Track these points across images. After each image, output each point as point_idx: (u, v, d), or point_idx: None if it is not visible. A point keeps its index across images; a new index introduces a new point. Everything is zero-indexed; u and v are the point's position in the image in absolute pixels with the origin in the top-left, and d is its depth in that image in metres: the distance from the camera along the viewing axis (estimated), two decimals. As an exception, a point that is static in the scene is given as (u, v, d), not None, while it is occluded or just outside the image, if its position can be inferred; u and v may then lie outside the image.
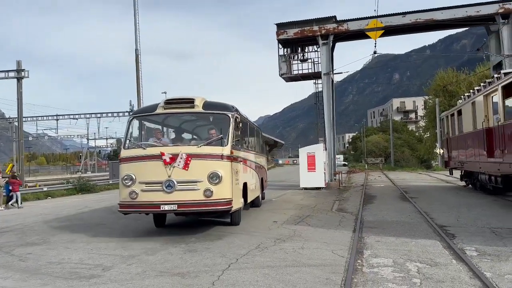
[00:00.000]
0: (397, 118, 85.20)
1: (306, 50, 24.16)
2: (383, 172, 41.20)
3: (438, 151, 35.09)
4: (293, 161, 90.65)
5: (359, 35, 22.90)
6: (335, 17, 22.65)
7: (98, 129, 56.56)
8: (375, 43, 21.14)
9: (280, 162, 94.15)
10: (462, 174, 17.87)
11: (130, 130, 8.77)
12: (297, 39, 23.13)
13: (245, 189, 9.44)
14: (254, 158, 11.50)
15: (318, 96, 24.33)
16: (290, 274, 5.31)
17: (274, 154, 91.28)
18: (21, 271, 5.91)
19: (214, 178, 7.77)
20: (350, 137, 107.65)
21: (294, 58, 24.04)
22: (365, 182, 24.28)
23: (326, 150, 21.49)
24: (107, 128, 70.73)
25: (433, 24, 21.79)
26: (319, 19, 22.81)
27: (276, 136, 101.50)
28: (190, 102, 8.54)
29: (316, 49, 23.67)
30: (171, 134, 10.10)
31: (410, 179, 26.41)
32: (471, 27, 26.03)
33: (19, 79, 24.22)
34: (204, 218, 10.07)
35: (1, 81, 25.21)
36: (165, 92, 33.81)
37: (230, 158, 8.14)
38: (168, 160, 7.78)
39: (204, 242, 7.47)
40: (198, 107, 8.49)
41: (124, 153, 8.39)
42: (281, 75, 23.86)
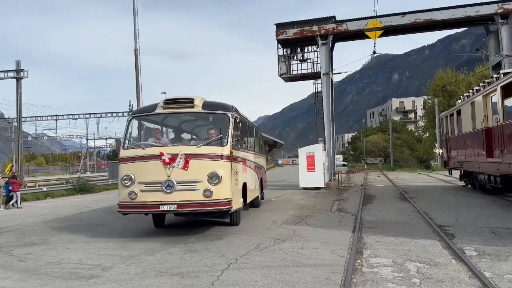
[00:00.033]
0: (396, 118, 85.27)
1: (306, 50, 24.14)
2: (383, 172, 41.21)
3: (437, 151, 35.17)
4: (292, 161, 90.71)
5: (359, 35, 22.90)
6: (335, 17, 22.66)
7: (98, 129, 56.66)
8: (374, 43, 21.20)
9: (279, 162, 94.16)
10: (461, 174, 17.88)
11: (129, 130, 8.73)
12: (296, 39, 23.13)
13: (244, 189, 9.43)
14: (253, 158, 11.50)
15: (318, 96, 24.32)
16: (289, 274, 5.31)
17: (273, 154, 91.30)
18: (20, 271, 5.91)
19: (214, 178, 7.75)
20: (350, 137, 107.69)
21: (293, 58, 24.02)
22: (364, 182, 24.28)
23: (325, 150, 21.49)
24: (106, 128, 71.00)
25: (432, 24, 21.80)
26: (319, 19, 22.81)
27: (275, 136, 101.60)
28: (189, 102, 8.50)
29: (315, 49, 23.67)
30: (171, 134, 10.07)
31: (409, 179, 26.42)
32: (470, 27, 26.04)
33: (18, 79, 24.24)
34: (203, 218, 10.07)
35: (0, 81, 25.24)
36: (164, 92, 33.89)
37: (230, 158, 8.12)
38: (167, 160, 7.75)
39: (203, 242, 7.47)
40: (198, 107, 8.46)
41: (123, 153, 8.35)
42: (280, 75, 23.86)
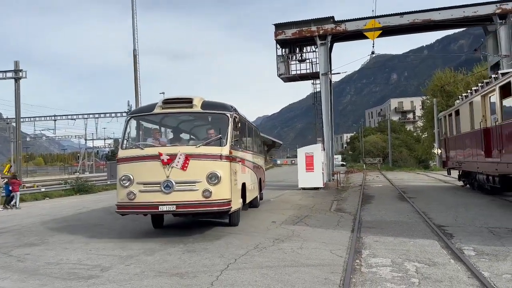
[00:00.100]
0: (395, 118, 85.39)
1: (304, 51, 24.14)
2: (381, 172, 41.23)
3: (436, 151, 35.25)
4: (291, 161, 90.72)
5: (357, 36, 22.92)
6: (333, 17, 22.67)
7: (96, 129, 56.77)
8: (373, 44, 21.31)
9: (278, 162, 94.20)
10: (460, 174, 17.90)
11: (128, 130, 8.68)
12: (295, 40, 23.13)
13: (243, 189, 9.41)
14: (252, 159, 11.50)
15: (316, 96, 24.33)
16: (288, 274, 5.31)
17: (272, 154, 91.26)
18: (19, 272, 5.90)
19: (213, 178, 7.72)
20: (348, 137, 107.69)
21: (292, 59, 24.03)
22: (363, 182, 24.29)
23: (324, 150, 21.50)
24: (105, 128, 70.83)
25: (430, 24, 21.83)
26: (317, 20, 22.82)
27: (274, 136, 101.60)
28: (188, 102, 8.45)
29: (314, 49, 23.68)
30: (169, 134, 10.05)
31: (408, 179, 26.44)
32: (469, 28, 26.06)
33: (17, 80, 24.20)
34: (202, 219, 10.06)
35: (-1, 81, 25.14)
36: (163, 92, 33.91)
37: (229, 158, 8.09)
38: (166, 160, 7.71)
39: (202, 243, 7.46)
40: (197, 107, 8.41)
41: (121, 153, 8.30)
42: (279, 76, 23.86)
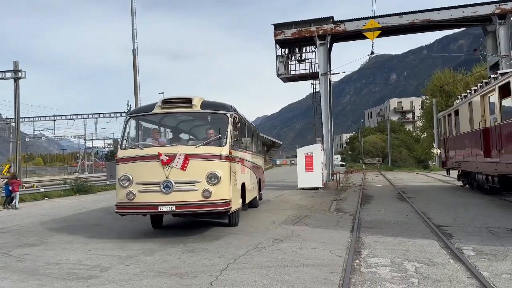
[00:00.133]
0: (394, 118, 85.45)
1: (304, 51, 24.14)
2: (381, 172, 41.25)
3: (435, 151, 35.28)
4: (290, 161, 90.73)
5: (357, 36, 22.93)
6: (333, 17, 22.69)
7: (96, 129, 56.72)
8: (372, 44, 21.29)
9: (278, 162, 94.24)
10: (459, 174, 17.92)
11: (127, 130, 8.66)
12: (294, 40, 23.14)
13: (243, 189, 9.40)
14: (252, 159, 11.49)
15: (316, 96, 24.33)
16: (288, 274, 5.32)
17: (272, 155, 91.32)
18: (19, 272, 5.89)
19: (213, 178, 7.70)
20: (348, 137, 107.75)
21: (291, 59, 24.03)
22: (362, 182, 24.30)
23: (323, 150, 21.51)
24: (105, 128, 70.77)
25: (430, 24, 21.85)
26: (317, 20, 22.83)
27: (273, 136, 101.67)
28: (188, 101, 8.42)
29: (313, 49, 23.68)
30: (169, 134, 10.04)
31: (407, 179, 26.45)
32: (468, 28, 26.07)
33: (16, 80, 24.18)
34: (201, 219, 10.06)
35: (-2, 81, 25.12)
36: (162, 92, 33.90)
37: (229, 159, 8.07)
38: (165, 160, 7.69)
39: (202, 243, 7.46)
40: (196, 107, 8.38)
41: (121, 153, 8.27)
42: (278, 76, 23.87)
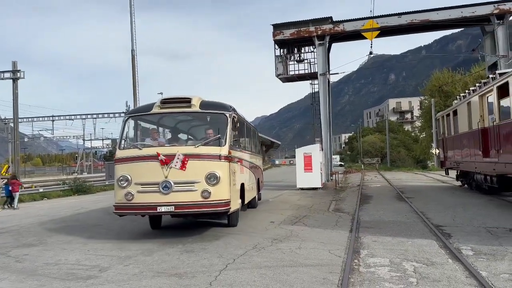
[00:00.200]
0: (393, 119, 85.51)
1: (303, 51, 24.16)
2: (379, 172, 41.29)
3: (434, 151, 35.28)
4: (289, 161, 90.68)
5: (355, 36, 22.95)
6: (331, 17, 22.71)
7: (94, 130, 56.64)
8: (371, 44, 21.28)
9: (276, 162, 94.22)
10: (458, 174, 17.95)
11: (126, 130, 8.61)
12: (293, 40, 23.16)
13: (242, 190, 9.38)
14: (251, 159, 11.49)
15: (314, 96, 24.35)
16: (287, 274, 5.32)
17: (270, 155, 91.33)
18: (17, 272, 5.89)
19: (212, 179, 7.67)
20: (347, 137, 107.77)
21: (290, 59, 24.04)
22: (361, 182, 24.31)
23: (322, 150, 21.53)
24: (103, 129, 70.80)
25: (428, 24, 21.88)
26: (315, 20, 22.85)
27: (272, 136, 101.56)
28: (187, 101, 8.38)
29: (312, 49, 23.69)
30: (168, 134, 10.02)
31: (406, 179, 26.49)
32: (467, 28, 26.13)
33: (15, 80, 24.10)
34: (201, 219, 10.05)
35: (-3, 82, 25.04)
36: (161, 92, 33.86)
37: (228, 159, 8.05)
38: (164, 160, 7.66)
39: (201, 243, 7.45)
40: (195, 107, 8.35)
41: (119, 153, 8.22)
42: (277, 76, 23.87)
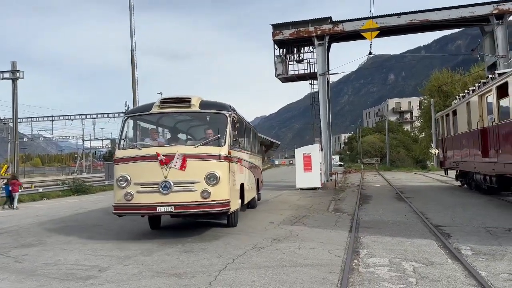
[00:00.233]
0: (392, 119, 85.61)
1: (302, 51, 24.17)
2: (379, 172, 41.32)
3: (433, 151, 35.33)
4: (289, 161, 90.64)
5: (355, 36, 22.96)
6: (331, 18, 22.71)
7: (94, 130, 56.63)
8: (370, 44, 21.33)
9: (276, 162, 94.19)
10: (457, 174, 17.95)
11: (125, 130, 8.59)
12: (293, 40, 23.16)
13: (242, 190, 9.38)
14: (250, 159, 11.48)
15: (314, 96, 24.39)
16: (286, 274, 5.32)
17: (270, 155, 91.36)
18: (17, 273, 5.88)
19: (212, 179, 7.65)
20: (346, 137, 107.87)
21: (290, 59, 24.05)
22: (361, 182, 24.33)
23: (322, 150, 21.54)
24: (103, 129, 70.82)
25: (428, 24, 21.90)
26: (315, 20, 22.85)
27: (272, 136, 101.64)
28: (186, 101, 8.36)
29: (311, 49, 23.71)
30: (167, 134, 10.01)
31: (405, 179, 26.50)
32: (466, 28, 26.16)
33: (14, 80, 24.12)
34: (200, 219, 10.05)
35: (-4, 82, 25.05)
36: (160, 92, 33.84)
37: (228, 159, 8.03)
38: (164, 160, 7.64)
39: (200, 243, 7.45)
40: (195, 107, 8.34)
41: (118, 153, 8.20)
42: (277, 76, 23.87)
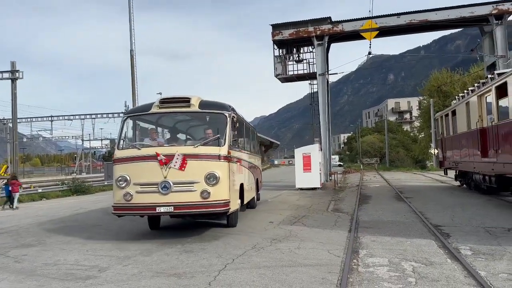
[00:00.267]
0: (392, 119, 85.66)
1: (301, 51, 24.19)
2: (378, 172, 41.34)
3: (432, 151, 35.34)
4: (288, 161, 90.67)
5: (354, 36, 22.96)
6: (330, 18, 22.72)
7: (93, 130, 56.59)
8: (370, 44, 21.31)
9: (275, 162, 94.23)
10: (457, 174, 17.97)
11: (124, 130, 8.57)
12: (292, 40, 23.17)
13: (241, 190, 9.37)
14: (250, 159, 11.48)
15: (313, 96, 24.44)
16: (286, 274, 5.32)
17: (269, 155, 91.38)
18: (16, 273, 5.88)
19: (211, 179, 7.64)
20: (345, 137, 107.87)
21: (289, 59, 24.06)
22: (360, 182, 24.34)
23: (321, 150, 21.54)
24: (102, 129, 70.74)
25: (427, 24, 21.91)
26: (314, 20, 22.86)
27: (271, 136, 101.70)
28: (186, 101, 8.34)
29: (311, 50, 23.72)
30: (167, 134, 10.00)
31: (405, 179, 26.52)
32: (465, 28, 26.19)
33: (13, 80, 24.13)
34: (200, 219, 10.05)
35: (-5, 82, 25.04)
36: (160, 92, 33.79)
37: (228, 159, 8.02)
38: (163, 160, 7.64)
39: (200, 243, 7.45)
40: (194, 106, 8.32)
41: (118, 153, 8.18)
42: (276, 76, 23.88)
